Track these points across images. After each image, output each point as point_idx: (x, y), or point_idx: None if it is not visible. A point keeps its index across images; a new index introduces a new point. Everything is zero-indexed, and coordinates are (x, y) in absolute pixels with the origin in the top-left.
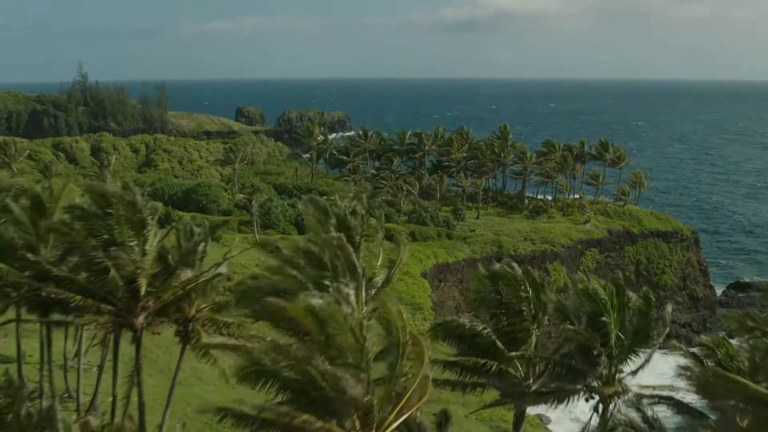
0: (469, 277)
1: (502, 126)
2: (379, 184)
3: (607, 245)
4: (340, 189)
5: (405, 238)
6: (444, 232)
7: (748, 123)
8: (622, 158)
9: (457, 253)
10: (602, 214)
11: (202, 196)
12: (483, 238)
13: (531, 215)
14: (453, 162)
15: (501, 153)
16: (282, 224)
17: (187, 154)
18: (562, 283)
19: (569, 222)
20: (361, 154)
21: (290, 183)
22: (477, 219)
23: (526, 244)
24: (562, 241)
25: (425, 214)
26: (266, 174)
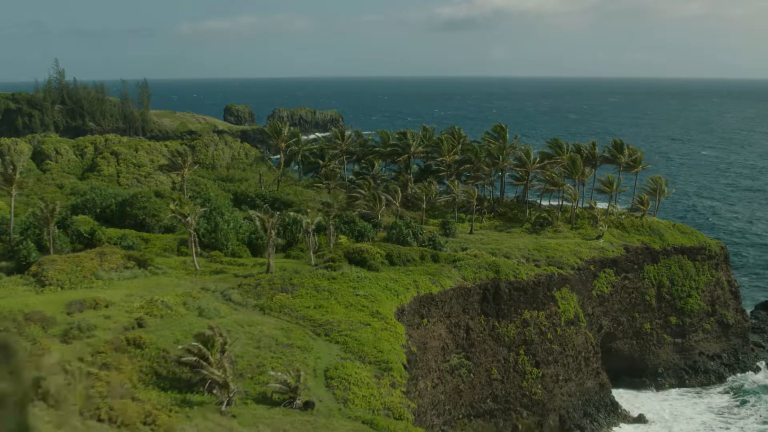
0: (459, 310)
1: (498, 126)
2: (355, 193)
3: (624, 265)
4: (310, 198)
5: (380, 262)
6: (429, 252)
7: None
8: (638, 161)
9: (444, 280)
10: (617, 227)
11: (139, 210)
12: (476, 261)
13: (534, 229)
14: (443, 166)
15: (498, 155)
16: (232, 244)
17: (136, 158)
18: (572, 313)
19: (579, 237)
20: (337, 156)
21: (252, 191)
22: (470, 234)
23: (528, 267)
24: (571, 261)
25: (406, 230)
26: (227, 180)
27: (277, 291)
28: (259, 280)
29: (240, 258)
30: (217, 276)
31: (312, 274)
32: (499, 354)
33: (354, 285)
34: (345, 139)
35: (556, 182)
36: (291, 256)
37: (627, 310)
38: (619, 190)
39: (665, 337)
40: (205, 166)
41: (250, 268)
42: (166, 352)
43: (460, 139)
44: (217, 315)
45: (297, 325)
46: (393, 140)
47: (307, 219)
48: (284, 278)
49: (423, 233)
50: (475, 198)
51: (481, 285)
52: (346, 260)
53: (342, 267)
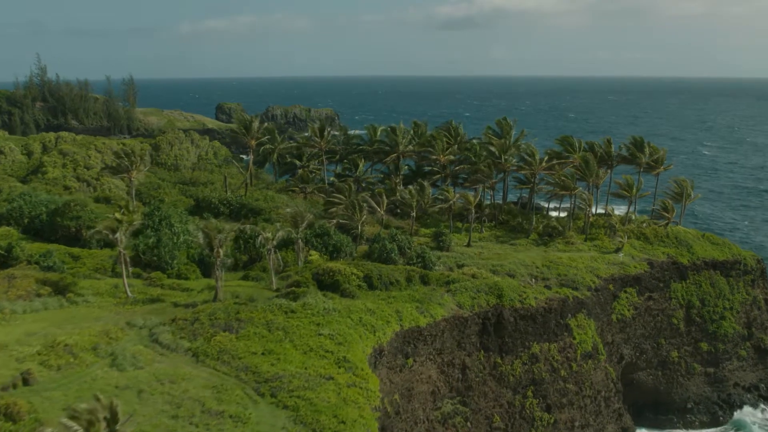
0: (453, 346)
1: (501, 120)
2: (334, 198)
3: (648, 283)
4: (283, 204)
5: (356, 285)
6: (417, 272)
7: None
8: (660, 161)
9: (435, 309)
10: (638, 237)
11: (71, 220)
12: (475, 283)
13: (542, 240)
14: (437, 167)
15: (501, 155)
16: (178, 262)
17: (87, 158)
18: (590, 344)
19: (594, 250)
20: (316, 156)
21: (216, 196)
22: (468, 247)
23: (536, 289)
24: (587, 279)
25: (391, 244)
26: (190, 184)
27: (218, 329)
28: (198, 314)
29: (187, 280)
30: (152, 306)
31: (266, 305)
32: (502, 397)
33: (318, 320)
34: (324, 136)
35: (567, 185)
36: (250, 277)
37: (651, 336)
38: (639, 194)
39: (695, 367)
40: (168, 167)
41: (196, 295)
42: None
43: (457, 137)
44: (134, 365)
45: (236, 380)
46: (380, 137)
47: (266, 234)
48: (230, 311)
49: (411, 247)
50: (473, 204)
51: (481, 313)
52: (315, 284)
53: (307, 294)
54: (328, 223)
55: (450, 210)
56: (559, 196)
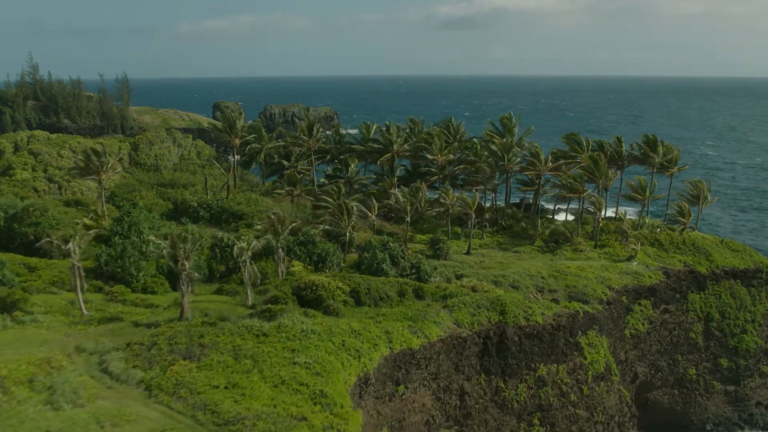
0: (450, 369)
1: (505, 117)
2: (322, 201)
3: (664, 294)
4: (267, 208)
5: (342, 301)
6: (411, 286)
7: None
8: (674, 161)
9: (430, 328)
10: (652, 244)
11: (29, 227)
12: (475, 298)
13: (548, 247)
14: (434, 167)
15: (503, 154)
16: (145, 274)
17: (59, 159)
18: (602, 365)
19: (605, 258)
20: (305, 156)
21: (195, 200)
22: (467, 255)
23: (543, 303)
24: (598, 291)
25: (382, 254)
26: (169, 186)
27: (178, 356)
28: (157, 337)
29: (153, 295)
30: (109, 326)
31: (235, 327)
32: (505, 426)
33: (294, 345)
34: (313, 135)
35: (574, 188)
36: (225, 291)
37: (667, 351)
38: (653, 197)
39: (714, 385)
40: (147, 168)
41: (161, 312)
42: None
43: (457, 135)
44: (73, 402)
45: (191, 421)
46: (375, 135)
47: (241, 243)
48: (193, 334)
49: (405, 257)
50: (473, 208)
51: (481, 332)
52: (295, 299)
53: (285, 312)
54: (315, 230)
55: (448, 214)
56: (567, 199)
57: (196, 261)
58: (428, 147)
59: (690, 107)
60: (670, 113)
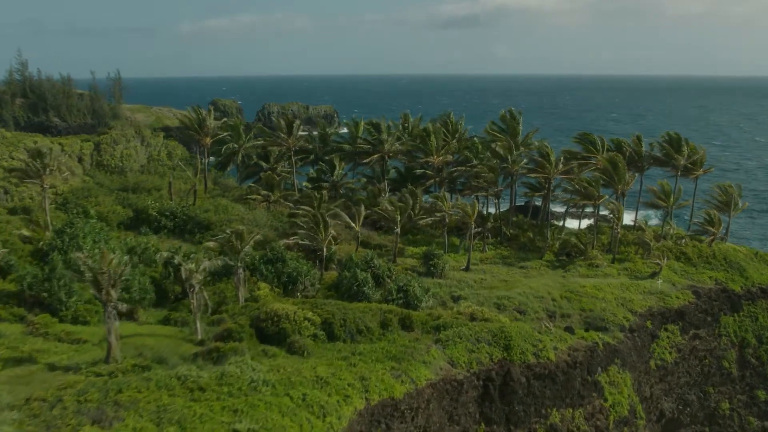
0: (442, 420)
1: (507, 113)
2: (300, 209)
3: (694, 317)
4: (238, 216)
5: (310, 336)
6: (397, 314)
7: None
8: (699, 163)
9: (418, 369)
10: (677, 257)
11: None
12: (473, 329)
13: (559, 261)
14: (430, 169)
15: (508, 155)
16: (77, 301)
17: (9, 160)
18: (625, 407)
19: (625, 275)
20: (285, 157)
21: (156, 208)
22: (466, 271)
23: (556, 334)
24: (619, 316)
25: (364, 273)
26: (132, 191)
27: (87, 417)
28: (63, 392)
29: (85, 326)
30: (16, 370)
31: (166, 377)
32: None
33: (238, 404)
34: (293, 132)
35: (590, 194)
36: (173, 320)
37: (697, 383)
38: (678, 204)
39: (751, 421)
40: (111, 170)
41: (88, 350)
42: None
43: (456, 133)
44: None
45: None
46: (363, 134)
47: (189, 265)
48: (109, 388)
49: (392, 276)
50: (473, 217)
51: (481, 373)
52: (254, 333)
53: (237, 352)
54: (291, 242)
55: (444, 224)
56: (580, 206)
57: (141, 283)
58: (423, 146)
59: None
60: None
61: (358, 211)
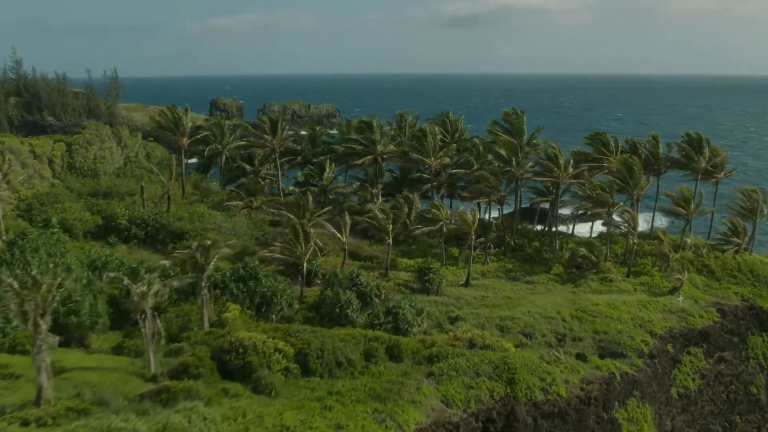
0: None
1: (511, 112)
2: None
3: (719, 338)
4: (214, 225)
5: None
6: (384, 342)
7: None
8: (720, 166)
9: (406, 412)
10: (699, 270)
11: None
12: (471, 361)
13: (568, 275)
14: (428, 173)
15: (512, 158)
16: (16, 327)
17: None
18: None
19: (642, 291)
20: (270, 159)
21: (126, 215)
22: (466, 287)
23: (567, 365)
24: (637, 339)
25: (347, 294)
26: (104, 196)
27: None
28: None
29: (23, 355)
30: None
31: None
32: None
33: None
34: (278, 132)
35: (603, 200)
36: (125, 349)
37: (723, 412)
38: (699, 211)
39: None
40: (84, 173)
41: (21, 387)
42: None
43: (456, 133)
44: None
45: None
46: (353, 133)
47: (140, 287)
48: None
49: (381, 295)
50: (474, 227)
51: (481, 413)
52: (215, 367)
53: (191, 394)
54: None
55: (441, 233)
56: (594, 214)
57: (93, 304)
58: (419, 148)
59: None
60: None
61: (345, 220)
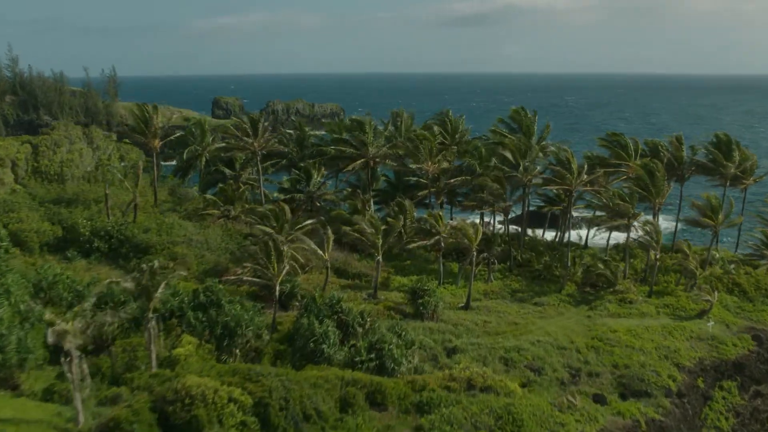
0: None
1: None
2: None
3: (755, 370)
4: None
5: (235, 427)
6: (364, 386)
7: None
8: (749, 172)
9: None
10: (729, 290)
11: None
12: (469, 410)
13: (582, 295)
14: (425, 178)
15: (519, 161)
16: None
17: None
18: None
19: (666, 314)
20: (251, 162)
21: (88, 226)
22: (466, 310)
23: (583, 411)
24: (663, 376)
25: (324, 325)
26: (68, 204)
27: None
28: None
29: None
30: None
31: None
32: None
33: None
34: (260, 133)
35: (623, 211)
36: (56, 393)
37: None
38: (729, 222)
39: None
40: (50, 177)
41: None
42: None
43: (456, 134)
44: None
45: None
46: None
47: (61, 324)
48: None
49: (365, 324)
50: (475, 242)
51: None
52: (154, 422)
53: None
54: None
55: (439, 248)
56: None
57: (21, 339)
58: (415, 150)
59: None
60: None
61: (327, 234)
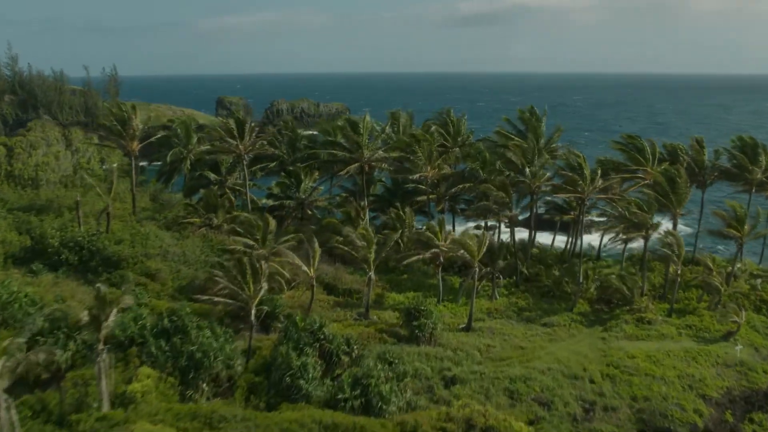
0: None
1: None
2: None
3: None
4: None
5: None
6: (349, 429)
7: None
8: None
9: None
10: (757, 308)
11: None
12: None
13: (595, 314)
14: (425, 184)
15: (526, 166)
16: None
17: None
18: None
19: (688, 335)
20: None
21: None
22: (467, 332)
23: None
24: (687, 409)
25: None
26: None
27: None
28: None
29: None
30: None
31: None
32: None
33: None
34: (246, 135)
35: (642, 221)
36: None
37: None
38: (756, 233)
39: None
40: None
41: None
42: None
43: (458, 137)
44: None
45: None
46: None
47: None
48: None
49: (352, 352)
50: (478, 256)
51: None
52: None
53: None
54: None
55: (439, 262)
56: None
57: None
58: (413, 154)
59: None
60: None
61: (313, 248)
